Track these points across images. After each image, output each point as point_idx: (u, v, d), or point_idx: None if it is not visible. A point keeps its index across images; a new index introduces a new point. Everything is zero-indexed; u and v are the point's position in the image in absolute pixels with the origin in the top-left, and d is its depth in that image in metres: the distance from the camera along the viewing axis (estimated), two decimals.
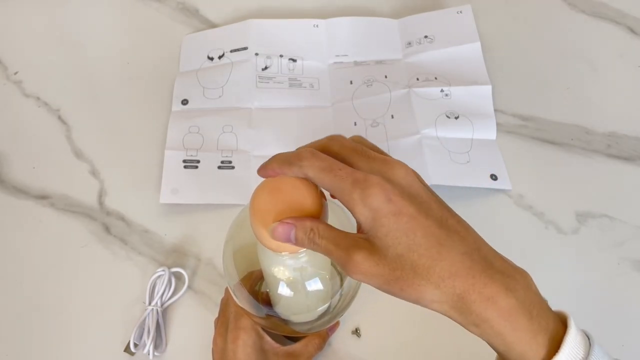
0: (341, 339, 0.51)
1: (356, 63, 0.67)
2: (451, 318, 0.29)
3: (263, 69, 0.66)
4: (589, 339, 0.29)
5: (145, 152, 0.61)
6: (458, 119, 0.61)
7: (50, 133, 0.63)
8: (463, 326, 0.29)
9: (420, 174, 0.61)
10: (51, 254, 0.56)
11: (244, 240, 0.40)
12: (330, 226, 0.31)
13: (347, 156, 0.31)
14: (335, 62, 0.67)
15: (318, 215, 0.31)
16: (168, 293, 0.52)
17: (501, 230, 0.56)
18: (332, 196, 0.31)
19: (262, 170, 0.32)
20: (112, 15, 0.72)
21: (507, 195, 0.58)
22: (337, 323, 0.50)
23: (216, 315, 0.50)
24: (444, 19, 0.68)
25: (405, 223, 0.28)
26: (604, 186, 0.59)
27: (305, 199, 0.31)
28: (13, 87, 0.66)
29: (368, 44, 0.68)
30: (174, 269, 0.53)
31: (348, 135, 0.38)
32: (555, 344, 0.28)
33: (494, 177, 0.58)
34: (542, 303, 0.29)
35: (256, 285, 0.42)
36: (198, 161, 0.59)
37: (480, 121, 0.61)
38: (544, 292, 0.30)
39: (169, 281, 0.52)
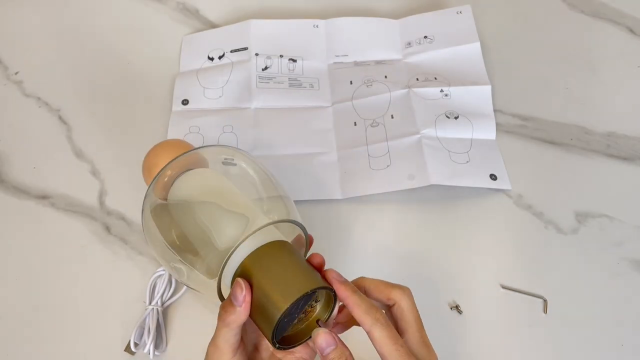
0: (340, 339, 0.50)
1: (356, 63, 0.67)
2: None
3: (263, 69, 0.66)
4: None
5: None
6: (458, 119, 0.61)
7: (51, 133, 0.63)
8: None
9: (420, 173, 0.62)
10: (51, 254, 0.56)
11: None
12: None
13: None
14: (335, 62, 0.67)
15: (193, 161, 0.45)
16: (168, 293, 0.52)
17: (501, 230, 0.56)
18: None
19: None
20: (112, 15, 0.72)
21: (507, 195, 0.58)
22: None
23: (216, 315, 0.50)
24: (443, 19, 0.68)
25: None
26: (603, 186, 0.59)
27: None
28: (13, 87, 0.66)
29: (368, 44, 0.68)
30: None
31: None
32: None
33: (493, 177, 0.58)
34: None
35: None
36: None
37: (480, 121, 0.61)
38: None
39: (169, 281, 0.52)
